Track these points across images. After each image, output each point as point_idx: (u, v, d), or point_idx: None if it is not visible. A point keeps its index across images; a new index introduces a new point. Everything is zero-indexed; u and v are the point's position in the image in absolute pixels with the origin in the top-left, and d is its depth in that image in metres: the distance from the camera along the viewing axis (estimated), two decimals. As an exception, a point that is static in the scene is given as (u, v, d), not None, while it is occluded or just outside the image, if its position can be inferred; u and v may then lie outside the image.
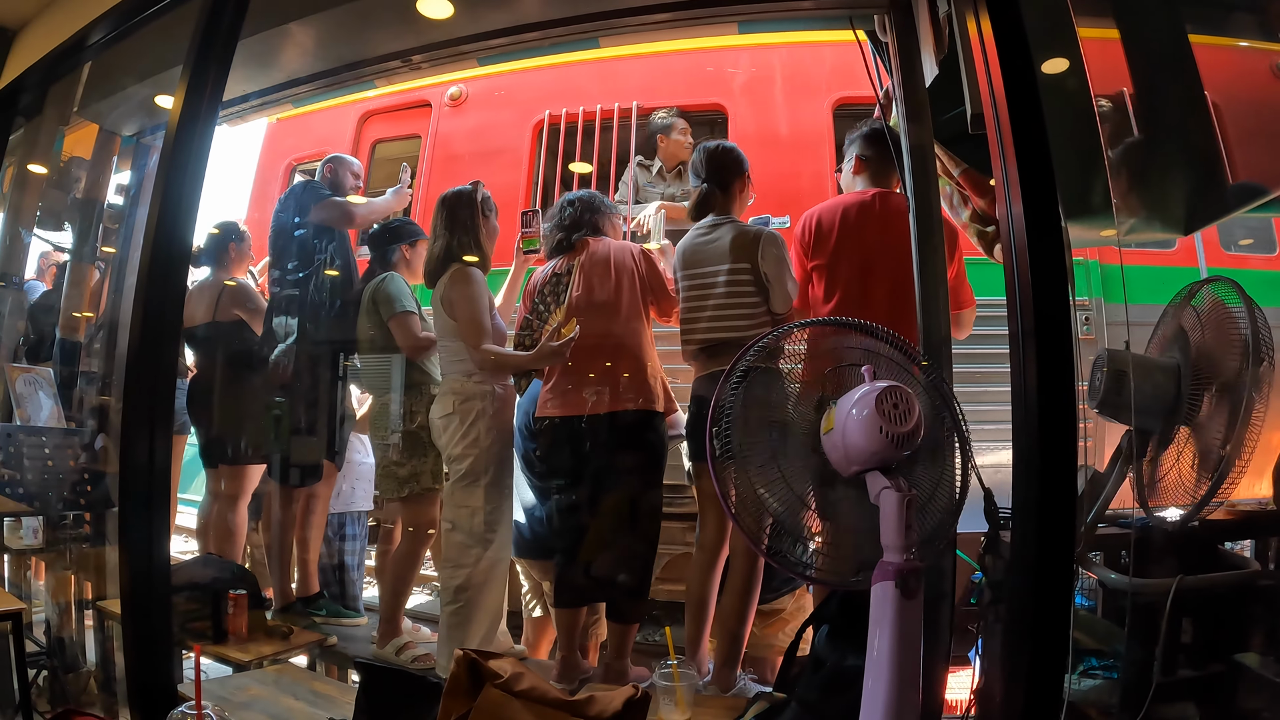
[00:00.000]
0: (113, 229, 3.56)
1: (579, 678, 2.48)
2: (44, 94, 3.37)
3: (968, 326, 2.38)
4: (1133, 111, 1.96)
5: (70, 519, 3.17)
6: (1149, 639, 1.58)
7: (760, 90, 3.75)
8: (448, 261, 2.66)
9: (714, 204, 2.49)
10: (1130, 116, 1.98)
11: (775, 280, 2.35)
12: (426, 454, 2.77)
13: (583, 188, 3.35)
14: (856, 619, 1.31)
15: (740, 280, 2.37)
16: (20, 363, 3.56)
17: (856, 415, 1.26)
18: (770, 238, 2.39)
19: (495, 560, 2.58)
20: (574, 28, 2.38)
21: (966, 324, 2.37)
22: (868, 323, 1.42)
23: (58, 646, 3.26)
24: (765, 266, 2.36)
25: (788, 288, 2.36)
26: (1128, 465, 1.78)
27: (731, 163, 2.52)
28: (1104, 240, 2.14)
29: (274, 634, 2.73)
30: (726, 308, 2.38)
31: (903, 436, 1.24)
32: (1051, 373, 1.32)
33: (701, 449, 2.38)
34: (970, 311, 2.37)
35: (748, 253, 2.37)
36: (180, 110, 1.98)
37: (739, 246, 2.39)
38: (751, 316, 2.36)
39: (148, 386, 1.87)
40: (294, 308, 3.09)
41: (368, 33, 2.61)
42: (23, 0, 3.18)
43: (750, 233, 2.41)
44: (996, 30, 1.48)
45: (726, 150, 2.54)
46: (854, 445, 1.27)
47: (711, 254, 2.43)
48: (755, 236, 2.39)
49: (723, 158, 2.52)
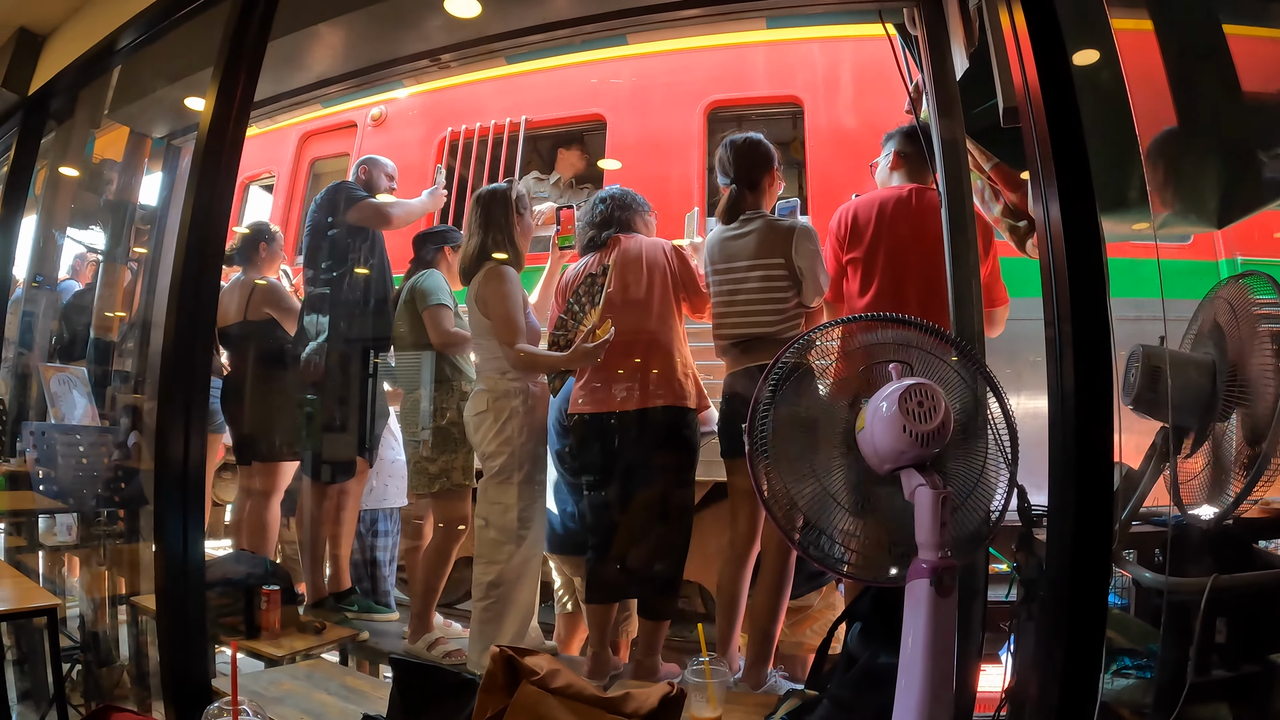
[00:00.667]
0: (144, 229, 3.61)
1: (610, 674, 2.48)
2: (75, 98, 3.43)
3: (1000, 324, 2.35)
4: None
5: (104, 516, 3.22)
6: (1183, 638, 1.56)
7: (639, 98, 3.87)
8: (482, 259, 2.67)
9: (744, 205, 2.46)
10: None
11: (808, 273, 2.33)
12: (457, 450, 2.78)
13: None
14: (889, 616, 1.31)
15: (774, 275, 2.35)
16: (55, 362, 3.63)
17: (883, 414, 1.26)
18: (804, 231, 2.37)
19: (528, 557, 2.59)
20: (602, 25, 2.37)
21: (999, 322, 2.35)
22: (901, 315, 1.41)
23: (92, 641, 3.32)
24: (799, 260, 2.34)
25: (820, 280, 2.34)
26: (1163, 463, 1.76)
27: (759, 158, 2.47)
28: (1137, 235, 2.11)
29: (306, 629, 2.76)
30: (759, 302, 2.36)
31: (927, 435, 1.24)
32: (1088, 370, 1.31)
33: (733, 446, 2.38)
34: (1003, 309, 2.35)
35: (781, 247, 2.35)
36: (212, 112, 2.00)
37: (772, 241, 2.37)
38: (783, 311, 2.35)
39: (182, 385, 1.90)
40: (327, 306, 3.11)
41: (396, 32, 2.63)
42: (52, 6, 3.23)
43: (783, 227, 2.38)
44: (1030, 22, 1.46)
45: (754, 145, 2.48)
46: (881, 443, 1.27)
47: (743, 249, 2.41)
48: (789, 230, 2.37)
49: (750, 153, 2.47)
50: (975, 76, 1.86)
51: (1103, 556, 1.32)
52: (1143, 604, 1.74)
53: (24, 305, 3.70)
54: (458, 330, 2.87)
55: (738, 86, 3.67)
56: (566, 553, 2.77)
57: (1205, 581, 1.54)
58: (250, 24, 2.05)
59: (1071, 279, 1.32)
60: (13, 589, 2.40)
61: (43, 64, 3.40)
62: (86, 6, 3.19)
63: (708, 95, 3.67)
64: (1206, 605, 1.53)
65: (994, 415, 1.38)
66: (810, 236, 2.36)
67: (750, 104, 3.69)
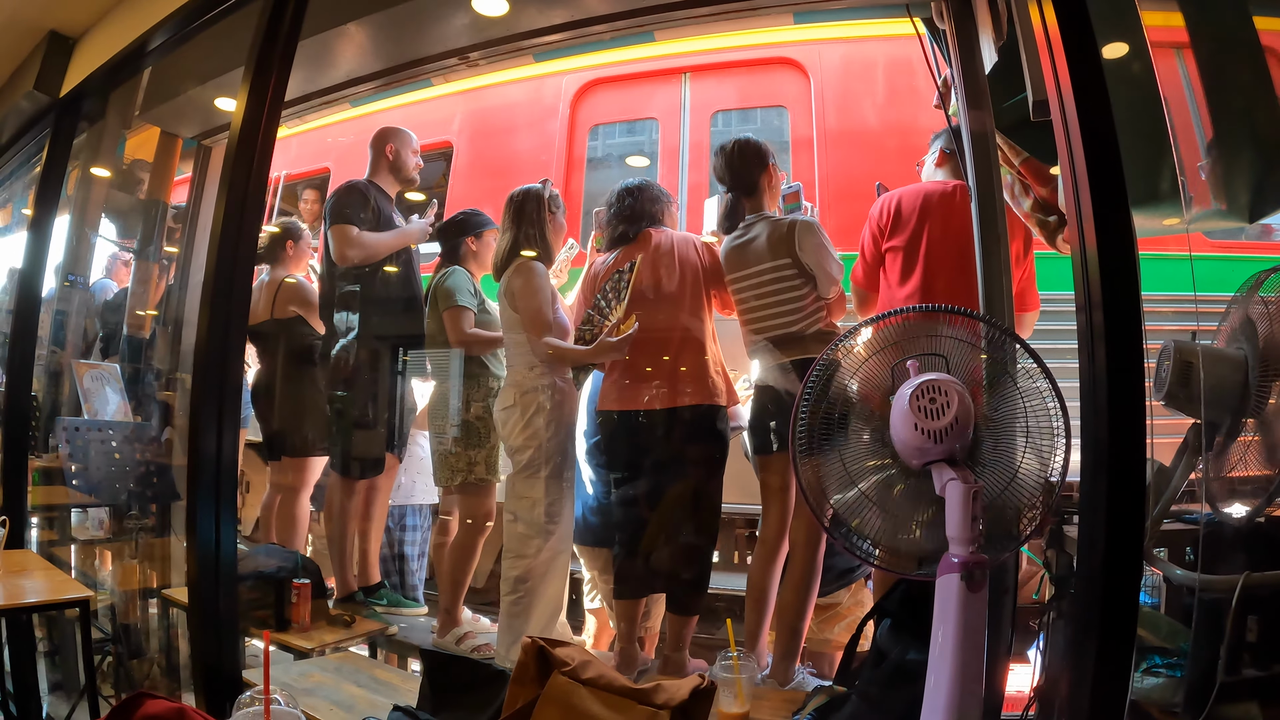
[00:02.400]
0: (175, 228, 3.67)
1: (637, 669, 2.49)
2: (106, 99, 3.48)
3: (1029, 329, 2.34)
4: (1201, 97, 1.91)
5: (136, 510, 3.27)
6: (1214, 637, 1.55)
7: (482, 125, 4.13)
8: (513, 256, 2.71)
9: (743, 210, 2.48)
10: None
11: (817, 267, 2.35)
12: (482, 444, 2.81)
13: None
14: (920, 612, 1.31)
15: (785, 275, 2.37)
16: (94, 358, 3.69)
17: (898, 412, 1.28)
18: (805, 226, 2.37)
19: (556, 552, 2.60)
20: (631, 21, 2.38)
21: (1028, 326, 2.34)
22: (930, 305, 1.41)
23: (123, 633, 3.38)
24: (804, 256, 2.35)
25: (830, 271, 2.35)
26: (1194, 459, 1.74)
27: (752, 157, 2.47)
28: (1169, 229, 2.09)
29: (336, 623, 2.79)
30: (778, 304, 2.38)
31: (938, 432, 1.24)
32: (1120, 365, 1.30)
33: (763, 443, 2.38)
34: (1034, 315, 2.34)
35: (785, 246, 2.37)
36: (243, 112, 2.02)
37: (775, 242, 2.38)
38: (803, 308, 2.36)
39: (215, 382, 1.92)
40: (354, 303, 3.12)
41: (425, 31, 2.64)
42: (82, 9, 3.28)
43: (784, 225, 2.39)
44: (1059, 15, 1.45)
45: (743, 147, 2.48)
46: (899, 440, 1.29)
47: (752, 254, 2.43)
48: (790, 229, 2.37)
49: (739, 156, 2.48)
50: (1004, 70, 1.85)
51: (1134, 553, 1.31)
52: (1174, 602, 1.73)
53: (57, 303, 3.77)
54: (475, 332, 2.89)
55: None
56: (592, 544, 2.78)
57: (1237, 579, 1.53)
58: (280, 24, 2.07)
59: (1103, 273, 1.31)
60: (46, 581, 2.44)
61: (74, 66, 3.45)
62: (116, 10, 3.24)
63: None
64: (1238, 603, 1.51)
65: (1035, 387, 1.35)
66: (811, 230, 2.36)
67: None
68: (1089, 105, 1.38)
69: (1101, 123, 1.37)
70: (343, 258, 3.01)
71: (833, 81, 3.55)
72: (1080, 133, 1.37)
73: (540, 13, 2.47)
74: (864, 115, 3.51)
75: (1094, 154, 1.36)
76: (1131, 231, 1.35)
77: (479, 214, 3.14)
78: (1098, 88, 1.39)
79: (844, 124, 3.48)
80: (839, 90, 3.54)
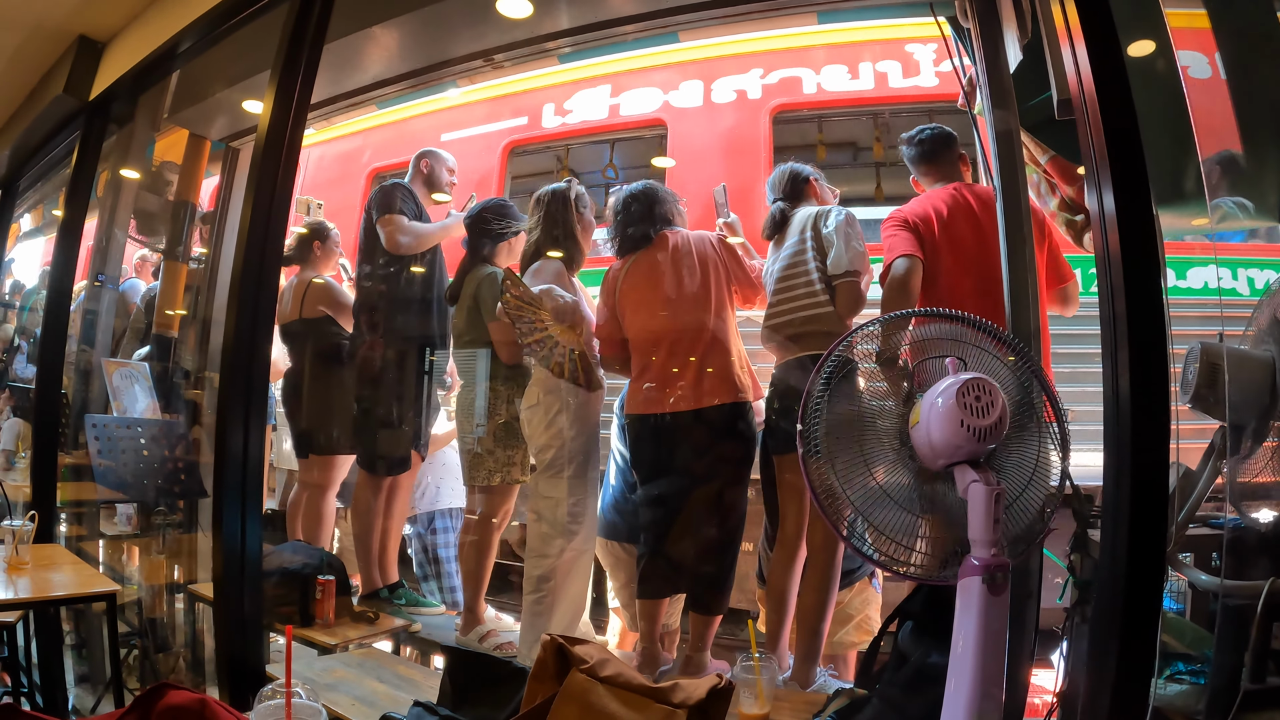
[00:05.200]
0: (203, 229, 3.72)
1: (659, 669, 2.49)
2: (134, 102, 3.54)
3: (1074, 300, 2.30)
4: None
5: (164, 506, 3.32)
6: (1238, 643, 1.53)
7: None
8: (537, 256, 2.74)
9: (788, 219, 2.52)
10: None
11: (837, 240, 2.32)
12: (509, 445, 2.81)
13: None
14: (942, 614, 1.30)
15: (807, 260, 2.37)
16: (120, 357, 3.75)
17: (939, 408, 1.25)
18: (834, 209, 2.39)
19: (579, 552, 2.60)
20: (654, 22, 2.39)
21: (1072, 298, 2.30)
22: (956, 311, 1.40)
23: (149, 627, 3.43)
24: (825, 228, 2.35)
25: (851, 245, 2.32)
26: (1220, 463, 1.72)
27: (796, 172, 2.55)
28: (1195, 230, 2.07)
29: (360, 619, 2.81)
30: (800, 293, 2.37)
31: (985, 429, 1.23)
32: (1143, 369, 1.28)
33: (781, 443, 2.37)
34: (1074, 285, 2.29)
35: (812, 225, 2.39)
36: (270, 115, 2.06)
37: (803, 221, 2.41)
38: (825, 301, 2.34)
39: (243, 381, 1.96)
40: (383, 302, 3.16)
41: (450, 33, 2.67)
42: (111, 14, 3.34)
43: (815, 209, 2.43)
44: (1082, 12, 1.44)
45: (795, 171, 2.57)
46: (937, 438, 1.26)
47: (784, 243, 2.45)
48: (820, 210, 2.41)
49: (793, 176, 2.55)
50: (1029, 69, 1.83)
51: (1156, 559, 1.29)
52: (1199, 608, 1.71)
53: (86, 303, 3.85)
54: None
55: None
56: (613, 538, 2.76)
57: (1261, 585, 1.51)
58: (307, 27, 2.11)
59: (1127, 273, 1.30)
60: (74, 575, 2.48)
61: (103, 70, 3.52)
62: (144, 15, 3.30)
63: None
64: (1263, 609, 1.49)
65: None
66: (840, 213, 2.37)
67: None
68: (1111, 102, 1.37)
69: (1124, 120, 1.36)
70: (395, 245, 3.11)
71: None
72: (1103, 130, 1.36)
73: (564, 15, 2.49)
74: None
75: (1117, 152, 1.35)
76: (1155, 231, 1.34)
77: (510, 207, 3.15)
78: (1120, 85, 1.38)
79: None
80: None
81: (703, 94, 3.74)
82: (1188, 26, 1.96)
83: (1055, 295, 2.26)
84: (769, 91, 3.62)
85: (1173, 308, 1.34)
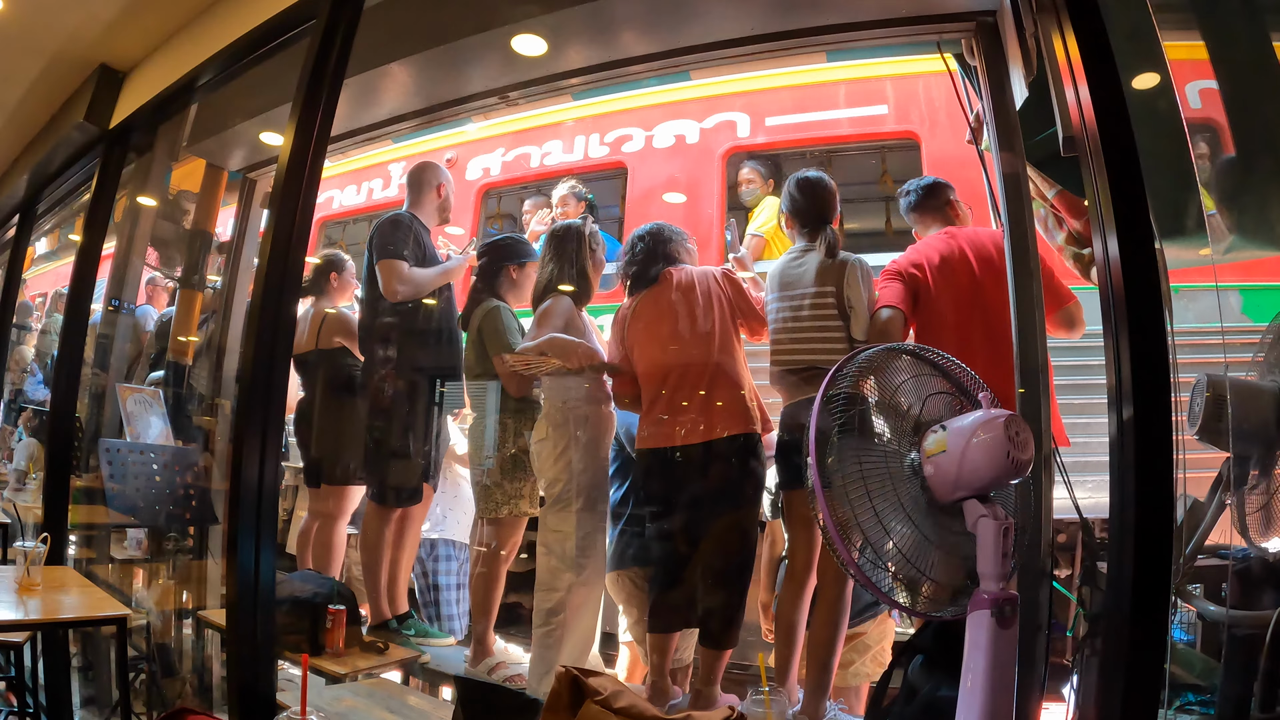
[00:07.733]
0: (219, 258, 3.76)
1: (669, 703, 2.46)
2: (154, 132, 3.59)
3: (1079, 321, 2.29)
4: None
5: (174, 532, 3.33)
6: (1247, 673, 1.53)
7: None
8: (549, 291, 2.77)
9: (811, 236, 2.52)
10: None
11: (858, 305, 2.35)
12: (516, 478, 2.82)
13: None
14: (952, 648, 1.31)
15: (827, 305, 2.37)
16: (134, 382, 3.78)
17: (982, 438, 1.27)
18: (857, 264, 2.39)
19: (588, 586, 2.60)
20: (666, 61, 2.42)
21: (1077, 319, 2.28)
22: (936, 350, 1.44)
23: (157, 651, 3.42)
24: (849, 290, 2.36)
25: (869, 316, 2.35)
26: (1228, 494, 1.72)
27: (825, 193, 2.53)
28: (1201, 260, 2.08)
29: (370, 649, 2.79)
30: (815, 331, 2.38)
31: (1024, 463, 1.27)
32: (1147, 401, 1.29)
33: (790, 478, 2.38)
34: (1076, 306, 2.28)
35: (834, 276, 2.38)
36: (290, 147, 2.09)
37: (823, 271, 2.40)
38: (835, 341, 2.35)
39: (259, 410, 1.97)
40: (394, 334, 3.12)
41: (465, 71, 2.71)
42: (132, 45, 3.41)
43: (837, 259, 2.41)
44: (1082, 48, 1.46)
45: (817, 183, 2.54)
46: (973, 468, 1.28)
47: (801, 277, 2.45)
48: (842, 263, 2.40)
49: (813, 189, 2.53)
50: (1035, 104, 1.86)
51: (1162, 591, 1.29)
52: (1210, 639, 1.71)
53: (100, 328, 3.88)
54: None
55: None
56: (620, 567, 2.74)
57: (1269, 615, 1.51)
58: (327, 64, 2.14)
59: (1130, 307, 1.31)
60: (83, 598, 2.49)
61: (123, 99, 3.58)
62: (165, 46, 3.37)
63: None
64: (1271, 639, 1.49)
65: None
66: (863, 269, 2.38)
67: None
68: (1112, 136, 1.38)
69: (1125, 153, 1.37)
70: (391, 293, 3.00)
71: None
72: (1104, 163, 1.37)
73: (578, 53, 2.53)
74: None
75: (1118, 185, 1.36)
76: (1155, 261, 1.35)
77: (524, 242, 3.16)
78: (1120, 118, 1.39)
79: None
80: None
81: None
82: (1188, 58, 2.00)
83: (1057, 319, 2.25)
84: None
85: (1177, 336, 1.35)
